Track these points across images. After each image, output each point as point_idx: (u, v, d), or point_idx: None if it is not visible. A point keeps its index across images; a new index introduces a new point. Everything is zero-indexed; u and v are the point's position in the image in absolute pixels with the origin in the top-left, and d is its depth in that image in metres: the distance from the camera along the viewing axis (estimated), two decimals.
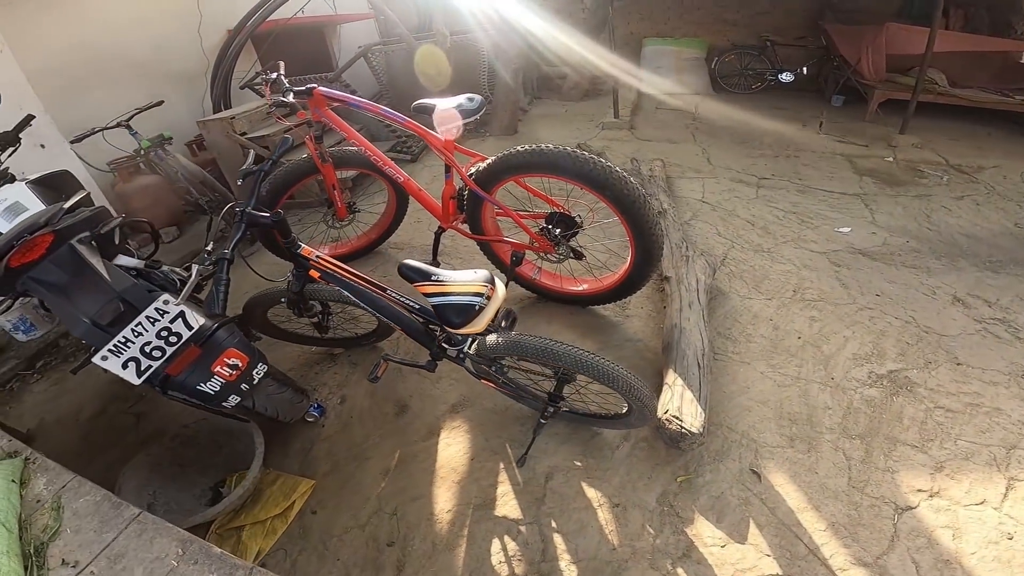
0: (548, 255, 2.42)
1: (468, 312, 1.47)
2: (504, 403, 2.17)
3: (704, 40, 6.67)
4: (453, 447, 2.07)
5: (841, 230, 3.36)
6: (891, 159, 4.44)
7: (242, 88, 5.26)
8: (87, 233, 1.62)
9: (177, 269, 2.02)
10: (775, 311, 2.63)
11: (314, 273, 1.72)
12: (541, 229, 2.33)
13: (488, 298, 1.48)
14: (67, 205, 1.61)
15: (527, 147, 2.09)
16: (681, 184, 4.12)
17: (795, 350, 2.38)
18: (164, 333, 1.47)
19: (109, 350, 1.41)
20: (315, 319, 2.15)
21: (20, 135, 2.22)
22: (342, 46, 6.80)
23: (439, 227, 2.56)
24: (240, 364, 1.59)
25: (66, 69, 3.87)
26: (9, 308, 1.55)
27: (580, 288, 2.54)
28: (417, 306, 1.74)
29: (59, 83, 3.80)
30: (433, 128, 2.26)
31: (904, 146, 4.58)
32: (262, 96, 5.44)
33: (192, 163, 3.28)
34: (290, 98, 2.27)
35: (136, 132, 3.65)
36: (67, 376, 2.70)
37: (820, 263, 3.02)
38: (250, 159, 1.74)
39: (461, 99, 2.15)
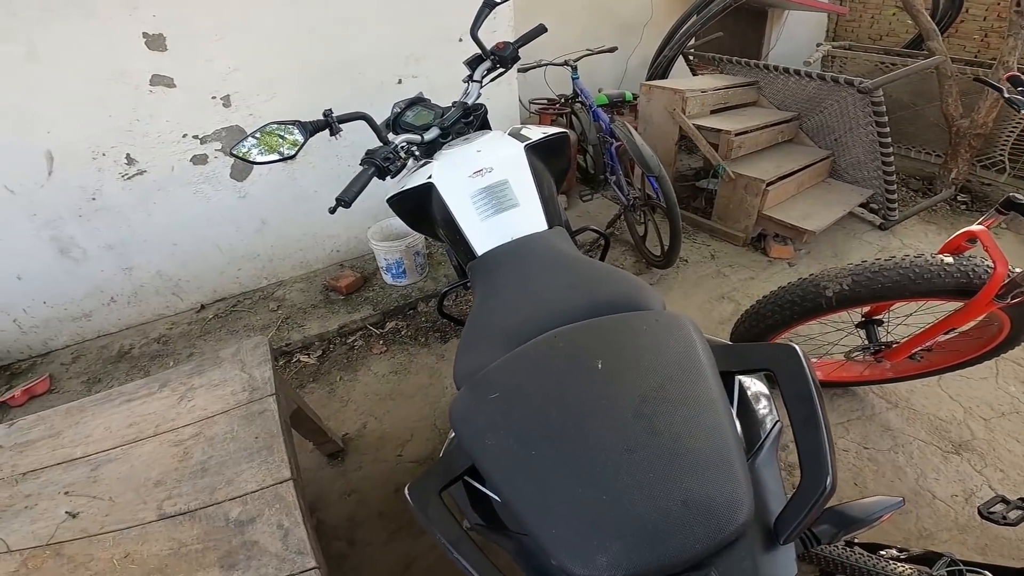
0: None
1: None
2: None
3: None
4: None
5: None
6: None
7: (691, 52, 4.37)
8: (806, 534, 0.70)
9: None
10: None
11: None
12: None
13: None
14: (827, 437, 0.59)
15: None
16: None
17: None
18: None
19: None
20: None
21: (520, 50, 1.44)
22: (782, 35, 5.37)
23: None
24: None
25: None
26: None
27: None
28: None
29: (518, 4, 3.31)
30: None
31: None
32: (693, 72, 4.62)
33: (648, 148, 2.34)
34: None
35: (578, 77, 2.95)
36: (409, 366, 2.12)
37: None
38: None
39: None
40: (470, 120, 1.36)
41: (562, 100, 3.40)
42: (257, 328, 2.24)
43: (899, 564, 0.99)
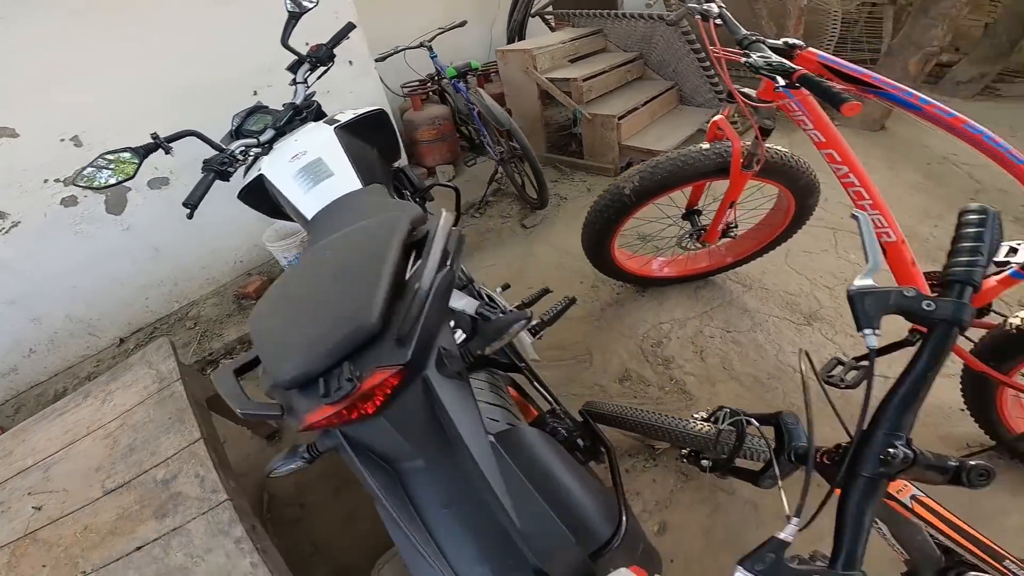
0: None
1: None
2: None
3: None
4: None
5: None
6: None
7: (533, 16, 4.69)
8: (458, 347, 0.87)
9: (494, 296, 1.29)
10: None
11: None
12: None
13: None
14: (432, 259, 0.80)
15: None
16: None
17: None
18: None
19: None
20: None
21: (335, 50, 1.63)
22: None
23: (916, 331, 1.36)
24: None
25: None
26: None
27: None
28: None
29: None
30: None
31: None
32: (552, 29, 4.91)
33: (499, 106, 2.61)
34: (768, 57, 1.26)
35: (436, 55, 3.15)
36: None
37: None
38: None
39: None
40: (305, 117, 1.53)
41: (429, 80, 3.60)
42: (178, 347, 2.37)
43: (698, 422, 1.18)
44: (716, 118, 1.60)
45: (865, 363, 1.32)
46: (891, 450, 0.63)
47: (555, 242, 2.71)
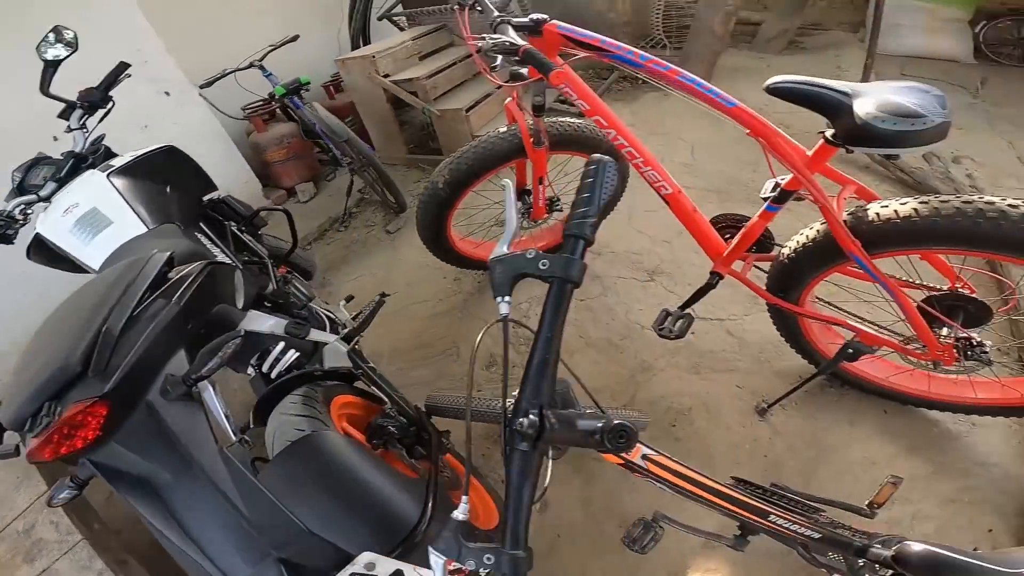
0: (938, 363, 1.34)
1: None
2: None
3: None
4: None
5: None
6: None
7: (379, 19, 4.63)
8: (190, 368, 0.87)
9: (334, 310, 1.31)
10: None
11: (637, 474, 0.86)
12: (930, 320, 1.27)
13: None
14: (127, 299, 0.87)
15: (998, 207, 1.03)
16: None
17: None
18: None
19: None
20: None
21: (111, 92, 1.55)
22: None
23: (714, 272, 1.54)
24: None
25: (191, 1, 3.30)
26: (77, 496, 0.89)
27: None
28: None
29: (183, 20, 3.26)
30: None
31: None
32: (401, 29, 4.88)
33: (334, 117, 2.59)
34: (511, 36, 1.34)
35: (270, 74, 3.04)
36: None
37: None
38: None
39: (915, 91, 1.07)
40: (92, 163, 1.44)
41: (271, 99, 3.47)
42: None
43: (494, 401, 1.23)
44: (507, 102, 1.68)
45: (689, 312, 1.43)
46: (522, 419, 0.59)
47: (418, 243, 2.69)
